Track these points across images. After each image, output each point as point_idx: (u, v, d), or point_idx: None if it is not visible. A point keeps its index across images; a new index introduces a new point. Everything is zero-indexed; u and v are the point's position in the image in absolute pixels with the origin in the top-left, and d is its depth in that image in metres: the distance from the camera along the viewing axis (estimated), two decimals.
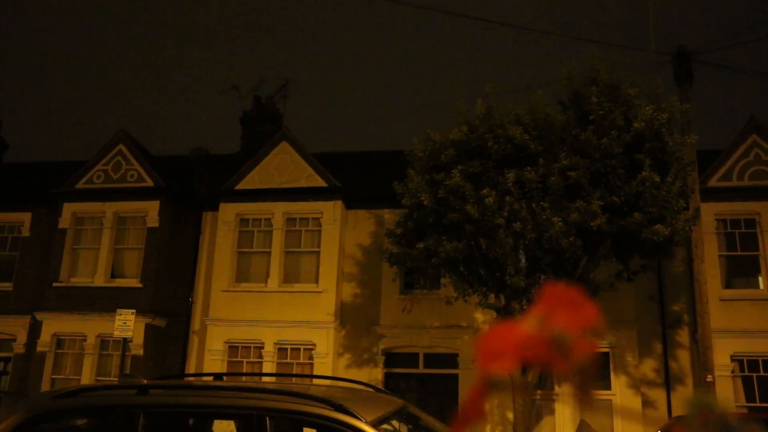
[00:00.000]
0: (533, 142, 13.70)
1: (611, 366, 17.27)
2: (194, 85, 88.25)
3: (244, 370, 18.01)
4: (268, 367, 17.92)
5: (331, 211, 18.98)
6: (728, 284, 17.20)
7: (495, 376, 0.87)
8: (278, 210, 19.22)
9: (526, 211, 13.33)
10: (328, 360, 17.84)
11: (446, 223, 13.97)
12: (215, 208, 19.90)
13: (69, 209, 20.28)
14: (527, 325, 0.87)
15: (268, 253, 19.09)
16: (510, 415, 15.67)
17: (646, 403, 16.92)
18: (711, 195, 17.16)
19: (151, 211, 19.89)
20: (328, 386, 5.88)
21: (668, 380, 17.20)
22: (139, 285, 19.25)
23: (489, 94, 14.55)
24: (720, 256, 17.25)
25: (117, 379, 17.13)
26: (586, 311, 0.88)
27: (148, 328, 18.79)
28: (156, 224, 19.77)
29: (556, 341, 0.85)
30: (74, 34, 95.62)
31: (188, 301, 19.79)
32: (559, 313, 0.87)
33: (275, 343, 18.23)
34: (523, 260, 14.00)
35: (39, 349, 19.15)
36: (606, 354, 17.33)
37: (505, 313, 14.06)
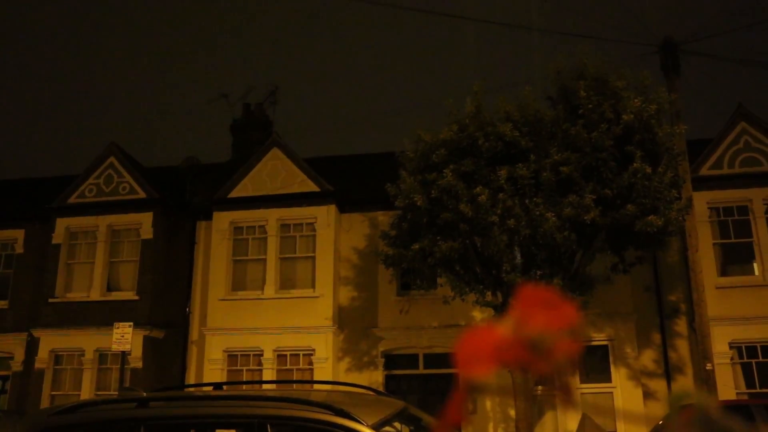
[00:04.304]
0: (524, 139, 13.73)
1: (611, 359, 17.29)
2: (183, 95, 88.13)
3: (244, 379, 17.96)
4: (268, 374, 17.89)
5: (324, 215, 18.97)
6: (723, 272, 17.26)
7: (475, 379, 0.87)
8: (272, 216, 19.20)
9: (520, 208, 13.35)
10: (327, 365, 17.82)
11: (440, 223, 13.97)
12: (209, 218, 19.86)
13: (62, 224, 20.22)
14: (505, 327, 0.87)
15: (264, 260, 19.07)
16: (512, 413, 15.68)
17: (647, 394, 16.96)
18: (703, 184, 17.21)
19: (144, 222, 19.85)
20: (328, 391, 5.88)
21: (668, 370, 17.25)
22: (136, 297, 19.19)
23: (477, 93, 14.57)
24: (714, 244, 17.31)
25: (117, 393, 17.08)
26: (563, 312, 0.87)
27: (147, 340, 18.74)
28: (150, 236, 19.72)
29: (534, 343, 0.85)
30: (61, 48, 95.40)
31: (185, 311, 19.74)
32: (536, 315, 0.86)
33: (274, 350, 18.20)
34: (519, 257, 14.01)
35: (37, 365, 19.07)
36: (605, 347, 17.35)
37: (502, 310, 14.07)
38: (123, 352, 16.86)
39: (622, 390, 16.95)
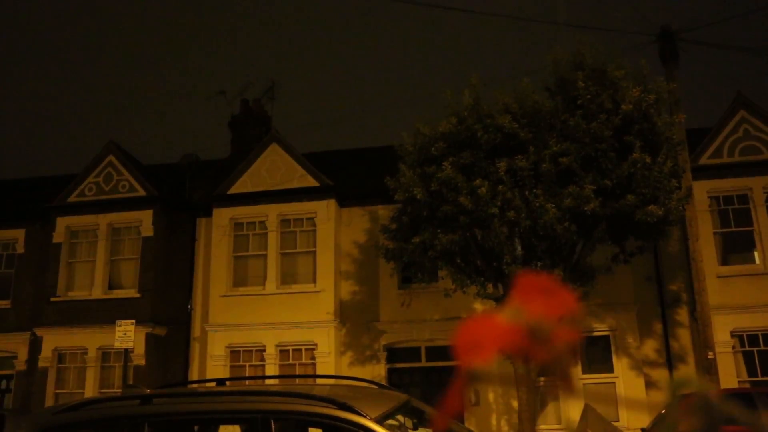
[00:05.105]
0: (522, 130, 13.70)
1: (612, 349, 17.32)
2: (181, 92, 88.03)
3: (247, 374, 18.00)
4: (271, 369, 17.92)
5: (324, 210, 18.97)
6: (724, 261, 17.26)
7: (475, 368, 0.87)
8: (272, 212, 19.20)
9: (520, 200, 13.34)
10: (330, 359, 17.85)
11: (440, 216, 13.97)
12: (209, 214, 19.87)
13: (63, 223, 20.24)
14: (504, 315, 0.87)
15: (265, 256, 19.09)
16: (515, 404, 15.71)
17: (649, 383, 16.99)
18: (702, 173, 17.20)
19: (144, 220, 19.86)
20: (331, 386, 5.89)
21: (670, 359, 17.27)
22: (137, 295, 19.22)
23: (476, 85, 14.54)
24: (715, 233, 17.30)
25: (120, 390, 17.12)
26: (561, 299, 0.87)
27: (149, 338, 18.77)
28: (150, 233, 19.74)
29: (533, 331, 0.85)
30: (58, 47, 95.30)
31: (187, 308, 19.77)
32: (534, 303, 0.86)
33: (277, 345, 18.23)
34: (519, 248, 14.01)
35: (41, 364, 19.13)
36: (606, 337, 17.38)
37: (504, 302, 14.06)
38: (126, 350, 16.90)
39: (624, 380, 16.98)
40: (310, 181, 19.30)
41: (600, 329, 17.27)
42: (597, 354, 17.25)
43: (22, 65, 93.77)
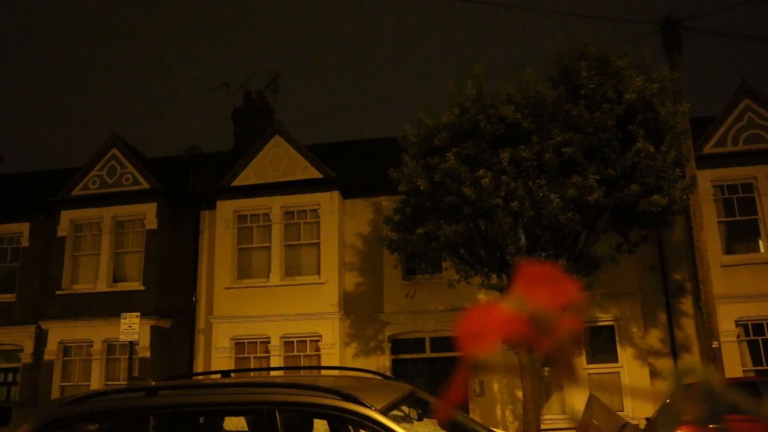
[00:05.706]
0: (526, 120, 13.67)
1: (617, 338, 17.32)
2: (184, 85, 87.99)
3: (252, 366, 18.04)
4: (276, 361, 17.97)
5: (328, 201, 18.97)
6: (729, 250, 17.22)
7: (477, 358, 0.87)
8: (275, 204, 19.21)
9: (523, 190, 13.32)
10: (335, 350, 17.89)
11: (444, 207, 13.97)
12: (213, 207, 19.89)
13: (67, 217, 20.28)
14: (507, 305, 0.87)
15: (268, 248, 19.11)
16: (519, 394, 15.73)
17: (654, 373, 17.00)
18: (707, 162, 17.15)
19: (148, 213, 19.89)
20: (336, 377, 5.90)
21: (675, 349, 17.27)
22: (142, 287, 19.28)
23: (479, 75, 14.51)
24: (719, 222, 17.27)
25: (126, 382, 17.18)
26: (564, 288, 0.87)
27: (154, 330, 18.83)
28: (154, 226, 19.77)
29: (536, 320, 0.84)
30: (61, 41, 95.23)
31: (192, 300, 19.82)
32: (537, 292, 0.86)
33: (281, 337, 18.28)
34: (523, 239, 14.00)
35: (46, 357, 19.20)
36: (611, 327, 17.38)
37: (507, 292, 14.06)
38: (131, 342, 16.95)
39: (629, 369, 16.98)
40: (314, 173, 19.30)
41: (604, 319, 17.27)
42: (601, 344, 17.25)
43: (25, 59, 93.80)
